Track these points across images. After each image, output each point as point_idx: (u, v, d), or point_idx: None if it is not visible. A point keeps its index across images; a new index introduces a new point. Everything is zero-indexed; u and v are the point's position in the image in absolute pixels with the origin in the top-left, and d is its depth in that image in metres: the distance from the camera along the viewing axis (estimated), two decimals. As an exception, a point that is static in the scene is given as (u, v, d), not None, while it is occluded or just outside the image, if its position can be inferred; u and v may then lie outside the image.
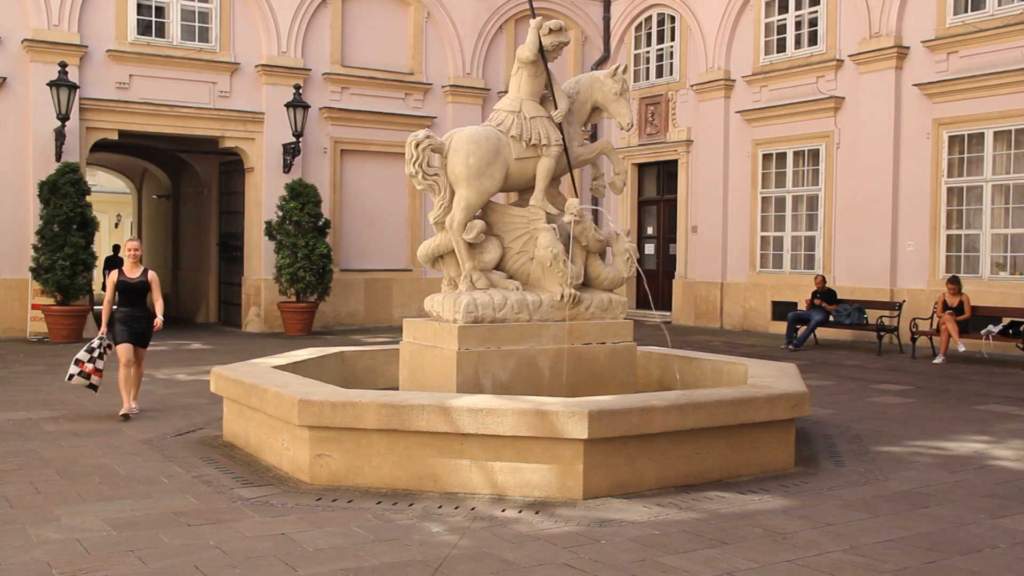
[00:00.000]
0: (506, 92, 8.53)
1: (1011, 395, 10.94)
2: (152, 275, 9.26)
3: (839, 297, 16.40)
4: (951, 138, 15.75)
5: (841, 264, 17.43)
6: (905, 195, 16.35)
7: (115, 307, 9.09)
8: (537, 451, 6.17)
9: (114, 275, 9.19)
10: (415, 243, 19.24)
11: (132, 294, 9.11)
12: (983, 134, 15.30)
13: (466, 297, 7.55)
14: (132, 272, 9.16)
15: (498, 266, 8.01)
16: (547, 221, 7.89)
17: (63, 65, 15.67)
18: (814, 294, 16.30)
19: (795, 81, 18.17)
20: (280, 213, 17.51)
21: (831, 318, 16.02)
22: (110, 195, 31.90)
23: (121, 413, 8.91)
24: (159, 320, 9.19)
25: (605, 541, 5.30)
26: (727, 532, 5.48)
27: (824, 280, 16.43)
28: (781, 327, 17.43)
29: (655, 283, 21.05)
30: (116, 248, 25.10)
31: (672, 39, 20.93)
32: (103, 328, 9.12)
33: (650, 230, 21.88)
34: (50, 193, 15.40)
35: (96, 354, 8.90)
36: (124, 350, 8.98)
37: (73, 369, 8.84)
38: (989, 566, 4.97)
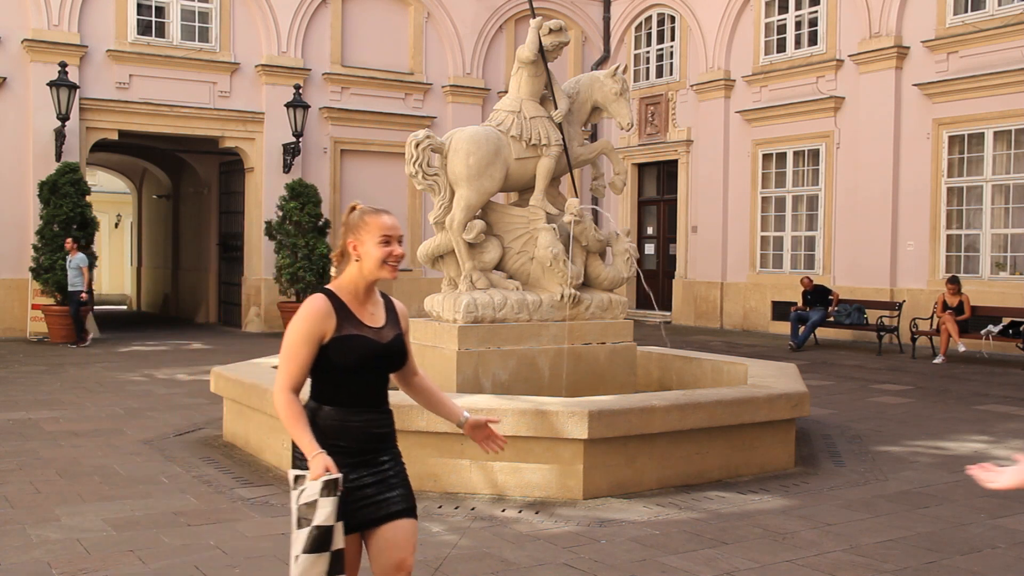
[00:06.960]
0: (506, 92, 8.53)
1: (1011, 395, 10.93)
2: (402, 313, 3.56)
3: (841, 297, 16.37)
4: (951, 138, 15.75)
5: (841, 264, 17.42)
6: (905, 195, 16.34)
7: (323, 406, 3.22)
8: (537, 451, 6.17)
9: (318, 316, 3.27)
10: (415, 243, 19.21)
11: (379, 374, 3.30)
12: (983, 134, 15.29)
13: (466, 297, 7.55)
14: (370, 311, 3.39)
15: (498, 266, 8.01)
16: (547, 221, 7.89)
17: (63, 65, 15.66)
18: (804, 295, 16.29)
19: (795, 81, 18.17)
20: (280, 213, 17.51)
21: (831, 318, 16.01)
22: (110, 195, 31.83)
23: None
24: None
25: (605, 541, 5.30)
26: (727, 532, 5.48)
27: (811, 280, 16.40)
28: (781, 327, 17.42)
29: (655, 283, 21.05)
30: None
31: (672, 39, 20.93)
32: (320, 460, 3.00)
33: (650, 230, 21.87)
34: (50, 193, 15.39)
35: (335, 529, 2.95)
36: (356, 546, 3.19)
37: None
38: (989, 566, 4.96)
